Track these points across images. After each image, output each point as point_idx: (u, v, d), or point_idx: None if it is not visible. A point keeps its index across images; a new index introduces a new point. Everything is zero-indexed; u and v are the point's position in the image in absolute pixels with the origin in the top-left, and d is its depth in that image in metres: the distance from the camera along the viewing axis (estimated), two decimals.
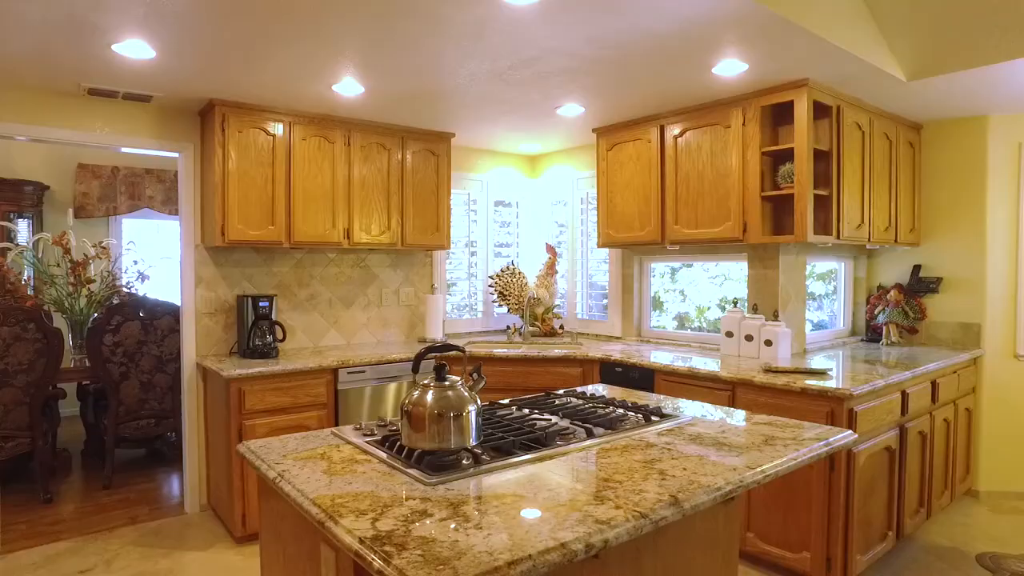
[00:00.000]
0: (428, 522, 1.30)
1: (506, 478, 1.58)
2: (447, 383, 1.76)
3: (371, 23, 2.56)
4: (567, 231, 5.22)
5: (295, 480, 1.56)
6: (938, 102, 3.74)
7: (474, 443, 1.74)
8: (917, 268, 4.32)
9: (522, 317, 4.79)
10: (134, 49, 2.81)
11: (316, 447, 1.85)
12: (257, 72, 3.15)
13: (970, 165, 4.11)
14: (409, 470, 1.62)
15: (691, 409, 2.32)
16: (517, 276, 4.94)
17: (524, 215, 5.47)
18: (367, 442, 1.87)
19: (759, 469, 1.63)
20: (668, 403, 2.45)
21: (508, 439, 1.81)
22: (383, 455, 1.75)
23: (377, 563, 1.15)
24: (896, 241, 4.09)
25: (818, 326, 4.52)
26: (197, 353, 3.91)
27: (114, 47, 2.80)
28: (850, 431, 1.99)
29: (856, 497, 2.90)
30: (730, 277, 4.41)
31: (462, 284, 5.16)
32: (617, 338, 4.69)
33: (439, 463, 1.64)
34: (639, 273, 4.61)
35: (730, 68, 3.08)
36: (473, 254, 5.19)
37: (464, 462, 1.68)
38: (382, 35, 2.69)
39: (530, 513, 1.35)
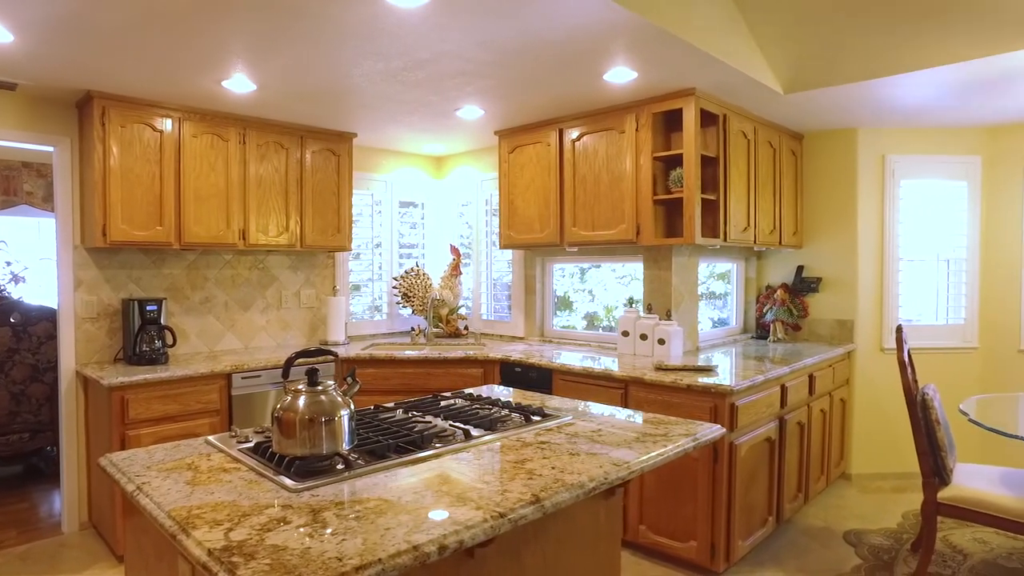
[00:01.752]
0: (285, 530, 1.28)
1: (375, 482, 1.58)
2: (320, 388, 1.75)
3: (254, 19, 2.49)
4: (473, 232, 5.24)
5: (153, 493, 1.51)
6: (814, 114, 4.00)
7: (347, 447, 1.73)
8: (800, 269, 4.61)
9: (426, 319, 4.78)
10: None
11: (184, 457, 1.78)
12: (137, 64, 3.00)
13: (843, 173, 4.42)
14: (277, 477, 1.59)
15: (574, 408, 2.39)
16: (421, 277, 4.92)
17: (430, 216, 5.45)
18: (240, 450, 1.82)
19: (624, 465, 1.69)
20: (557, 402, 2.50)
21: (383, 442, 1.80)
22: (253, 463, 1.71)
23: (222, 574, 1.13)
24: (780, 243, 4.34)
25: (720, 323, 4.75)
26: (77, 361, 3.68)
27: None
28: (718, 426, 2.10)
29: (738, 486, 3.07)
30: (636, 277, 4.56)
31: (369, 286, 5.09)
32: (520, 338, 4.76)
33: (309, 469, 1.63)
34: (541, 274, 4.69)
35: (620, 75, 3.19)
36: (379, 255, 5.13)
37: (338, 467, 1.67)
38: (269, 32, 2.63)
39: (390, 517, 1.35)
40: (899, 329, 3.17)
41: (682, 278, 3.92)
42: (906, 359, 3.09)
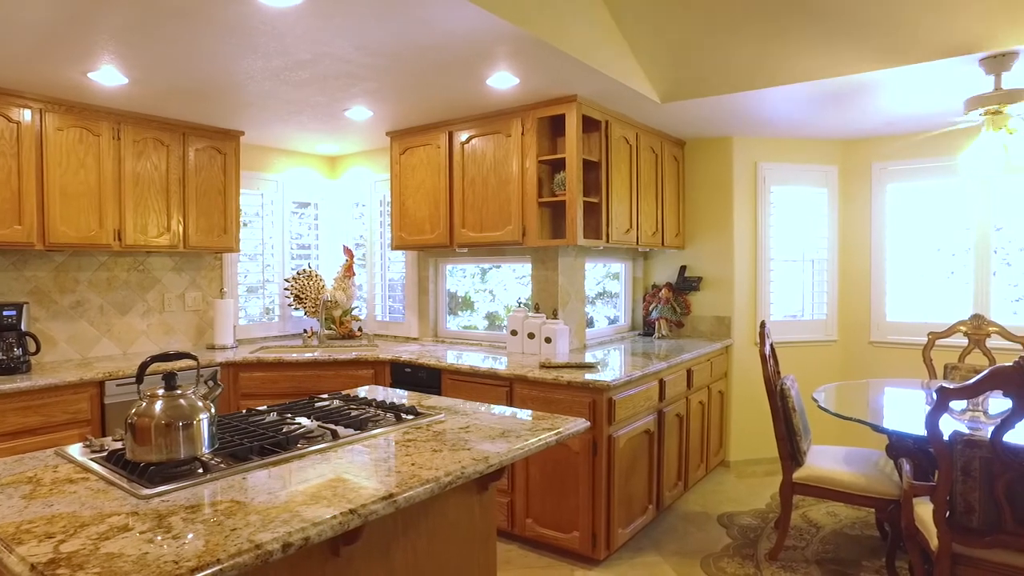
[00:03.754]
0: (124, 537, 1.26)
1: (231, 484, 1.57)
2: (178, 392, 1.72)
3: (117, 10, 2.39)
4: (368, 233, 5.21)
5: None
6: (692, 122, 4.25)
7: (208, 451, 1.71)
8: (683, 269, 4.87)
9: (319, 321, 4.71)
10: None
11: (27, 470, 1.70)
12: None
13: (721, 178, 4.71)
14: (128, 484, 1.55)
15: (450, 406, 2.44)
16: (314, 279, 4.84)
17: (325, 217, 5.37)
18: (92, 459, 1.76)
19: (484, 459, 1.76)
20: (435, 400, 2.55)
21: (246, 445, 1.79)
22: (105, 471, 1.65)
23: None
24: (663, 245, 4.58)
25: (614, 321, 4.94)
26: None
27: None
28: (583, 420, 2.21)
29: (617, 478, 3.22)
30: None
31: (267, 287, 4.95)
32: (415, 339, 4.77)
33: (164, 474, 1.60)
34: (434, 275, 4.73)
35: (503, 81, 3.27)
36: (272, 256, 5.00)
37: (198, 471, 1.65)
38: (136, 24, 2.53)
39: (239, 518, 1.36)
40: (762, 324, 3.43)
41: (569, 278, 4.06)
42: (768, 352, 3.34)
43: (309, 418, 2.16)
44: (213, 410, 1.74)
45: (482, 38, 2.70)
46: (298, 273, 4.85)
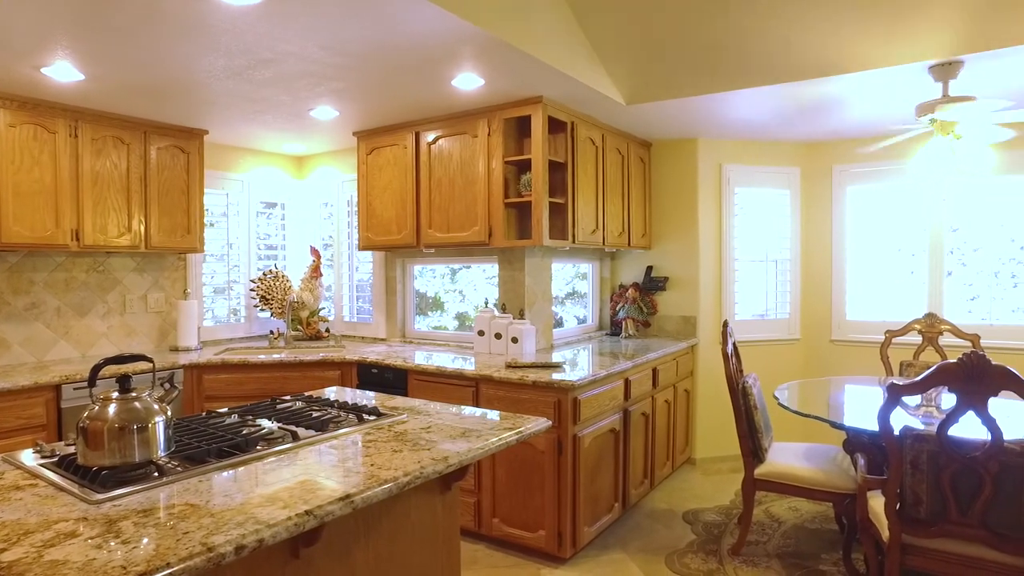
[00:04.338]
0: (71, 543, 1.24)
1: (187, 487, 1.55)
2: (132, 395, 1.69)
3: (70, 2, 2.35)
4: (335, 233, 5.17)
5: None
6: (658, 124, 4.30)
7: (163, 454, 1.69)
8: (650, 269, 4.93)
9: (286, 322, 4.66)
10: None
11: None
12: None
13: (686, 180, 4.78)
14: (79, 490, 1.52)
15: (413, 407, 2.44)
16: (280, 279, 4.79)
17: (292, 217, 5.32)
18: (41, 464, 1.72)
19: (443, 459, 1.77)
20: (399, 401, 2.55)
21: (204, 447, 1.77)
22: (55, 477, 1.62)
23: None
24: (630, 245, 4.63)
25: (583, 321, 4.98)
26: None
27: None
28: (544, 419, 2.22)
29: (583, 476, 3.24)
30: None
31: (234, 288, 4.88)
32: (382, 340, 4.75)
33: (117, 478, 1.58)
34: (402, 275, 4.71)
35: (468, 82, 3.28)
36: (237, 257, 4.93)
37: (153, 475, 1.63)
38: (90, 19, 2.48)
39: (192, 521, 1.34)
40: (725, 324, 3.49)
41: (535, 278, 4.08)
42: (730, 351, 3.40)
43: (270, 420, 2.14)
44: (169, 412, 1.72)
45: (445, 39, 2.71)
46: (264, 274, 4.80)
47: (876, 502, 2.58)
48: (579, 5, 3.21)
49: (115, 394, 1.70)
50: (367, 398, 2.65)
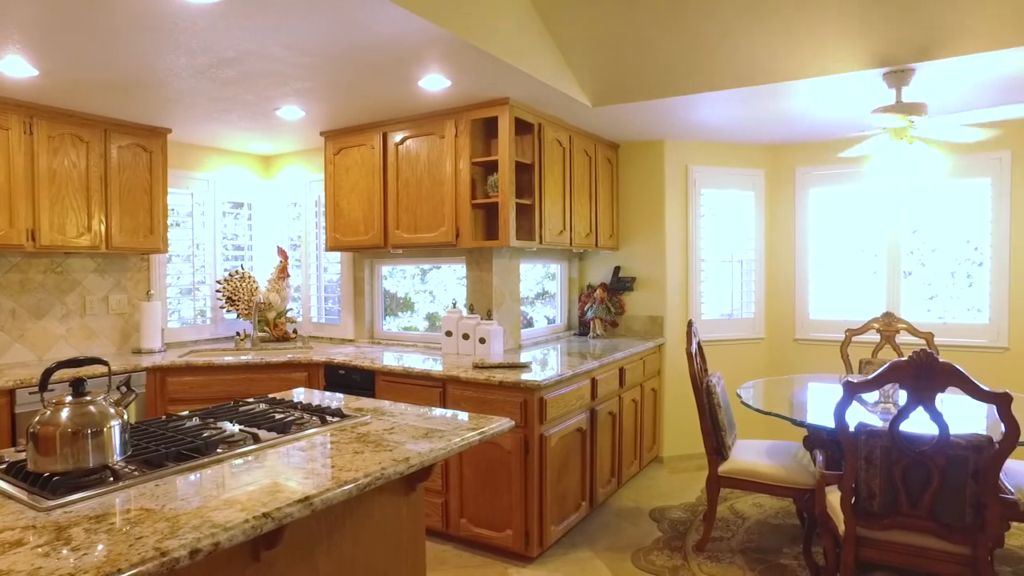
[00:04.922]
0: (17, 552, 1.22)
1: (143, 491, 1.53)
2: (86, 399, 1.67)
3: None
4: (303, 233, 5.12)
5: None
6: (624, 126, 4.35)
7: (119, 459, 1.66)
8: (617, 269, 4.97)
9: (252, 323, 4.61)
10: None
11: None
12: None
13: (653, 181, 4.83)
14: (28, 497, 1.49)
15: (377, 408, 2.44)
16: (247, 280, 4.74)
17: (259, 217, 5.25)
18: None
19: (404, 460, 1.77)
20: (364, 402, 2.54)
21: (161, 451, 1.75)
22: (1, 484, 1.59)
23: None
24: (597, 246, 4.67)
25: (552, 321, 5.00)
26: None
27: None
28: (507, 419, 2.24)
29: (549, 475, 3.27)
30: None
31: (201, 289, 4.80)
32: (350, 341, 4.72)
33: (70, 484, 1.55)
34: (370, 276, 4.69)
35: (434, 83, 3.28)
36: (203, 257, 4.86)
37: (108, 480, 1.60)
38: (44, 14, 2.42)
39: (147, 526, 1.33)
40: (689, 324, 3.54)
41: (503, 279, 4.09)
42: (694, 350, 3.45)
43: (232, 423, 2.12)
44: (126, 416, 1.70)
45: (410, 40, 2.71)
46: (230, 275, 4.74)
47: (833, 497, 2.64)
48: (545, 9, 3.23)
49: (68, 398, 1.68)
50: (335, 400, 2.64)
